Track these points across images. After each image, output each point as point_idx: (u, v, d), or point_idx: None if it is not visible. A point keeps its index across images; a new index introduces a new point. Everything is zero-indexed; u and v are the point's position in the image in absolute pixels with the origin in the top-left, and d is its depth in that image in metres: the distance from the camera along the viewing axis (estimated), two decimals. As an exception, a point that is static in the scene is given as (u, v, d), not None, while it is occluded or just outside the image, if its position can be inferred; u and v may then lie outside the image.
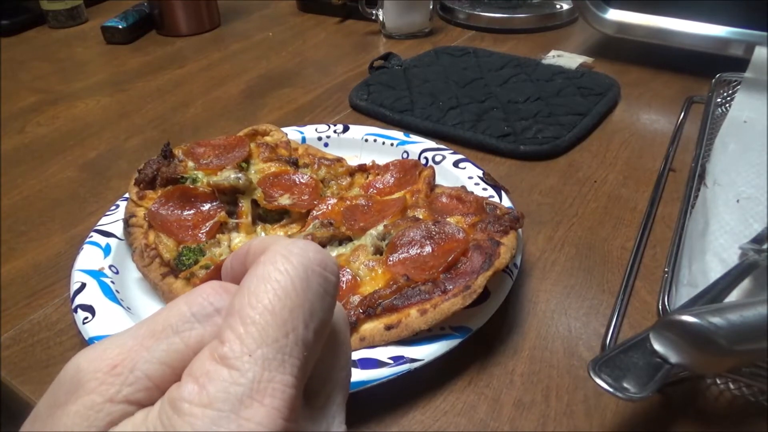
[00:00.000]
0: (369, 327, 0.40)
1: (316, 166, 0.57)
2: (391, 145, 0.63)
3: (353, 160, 0.59)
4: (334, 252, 0.47)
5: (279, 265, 0.19)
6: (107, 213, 0.54)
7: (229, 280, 0.21)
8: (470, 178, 0.56)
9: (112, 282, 0.46)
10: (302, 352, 0.18)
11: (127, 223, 0.50)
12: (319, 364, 0.20)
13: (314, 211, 0.51)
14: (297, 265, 0.19)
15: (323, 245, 0.48)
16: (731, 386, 0.38)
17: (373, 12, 1.01)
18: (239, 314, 0.18)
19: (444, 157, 0.59)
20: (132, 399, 0.17)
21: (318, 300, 0.19)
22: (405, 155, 0.61)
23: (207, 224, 0.49)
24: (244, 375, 0.16)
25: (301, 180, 0.54)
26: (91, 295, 0.44)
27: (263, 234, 0.51)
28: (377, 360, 0.38)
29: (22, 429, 0.18)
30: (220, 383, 0.16)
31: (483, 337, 0.42)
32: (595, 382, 0.32)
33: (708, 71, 0.69)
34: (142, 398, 0.17)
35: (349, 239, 0.48)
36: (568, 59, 0.84)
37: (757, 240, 0.43)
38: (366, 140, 0.64)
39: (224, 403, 0.16)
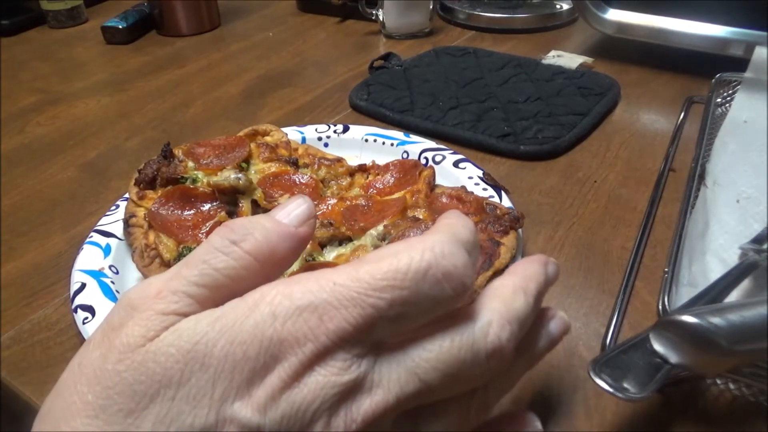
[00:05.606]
0: (369, 327, 0.40)
1: (316, 166, 0.57)
2: (391, 145, 0.63)
3: (353, 160, 0.59)
4: (334, 252, 0.47)
5: (410, 251, 0.21)
6: (107, 213, 0.54)
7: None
8: (470, 178, 0.56)
9: (112, 282, 0.46)
10: (373, 318, 0.20)
11: (127, 223, 0.50)
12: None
13: (314, 211, 0.51)
14: (423, 260, 0.21)
15: (323, 246, 0.48)
16: (731, 386, 0.38)
17: (373, 12, 1.01)
18: (360, 262, 0.22)
19: (444, 157, 0.59)
20: (179, 311, 0.21)
21: (421, 300, 0.21)
22: (405, 155, 0.61)
23: (207, 224, 0.49)
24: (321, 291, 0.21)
25: (301, 180, 0.54)
26: (91, 295, 0.44)
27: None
28: (377, 360, 0.38)
29: (78, 356, 0.22)
30: (311, 286, 0.21)
31: (483, 337, 0.42)
32: (595, 382, 0.32)
33: (708, 71, 0.69)
34: (188, 311, 0.22)
35: (350, 239, 0.48)
36: (568, 59, 0.84)
37: (757, 240, 0.43)
38: (366, 140, 0.64)
39: (302, 300, 0.21)
